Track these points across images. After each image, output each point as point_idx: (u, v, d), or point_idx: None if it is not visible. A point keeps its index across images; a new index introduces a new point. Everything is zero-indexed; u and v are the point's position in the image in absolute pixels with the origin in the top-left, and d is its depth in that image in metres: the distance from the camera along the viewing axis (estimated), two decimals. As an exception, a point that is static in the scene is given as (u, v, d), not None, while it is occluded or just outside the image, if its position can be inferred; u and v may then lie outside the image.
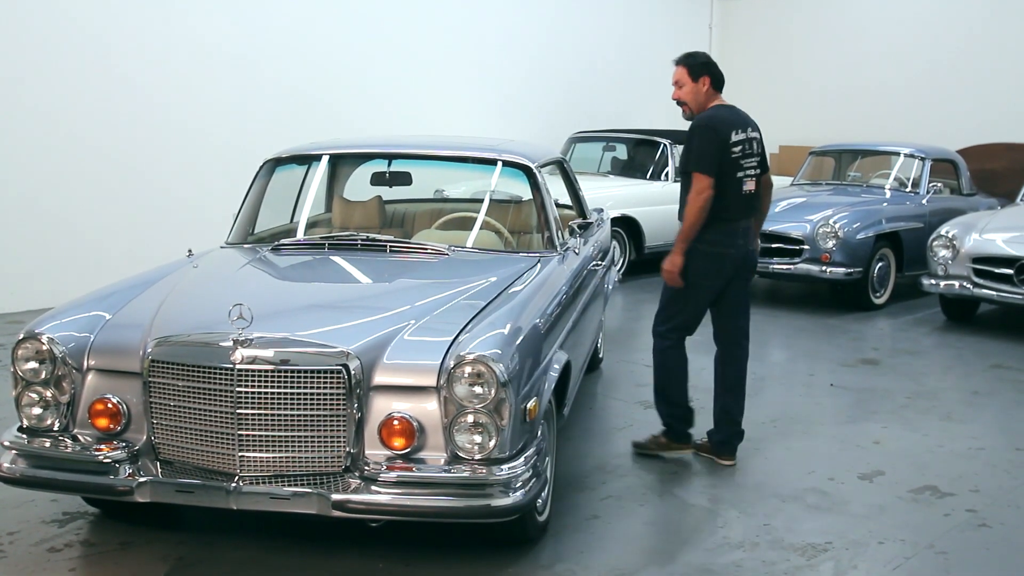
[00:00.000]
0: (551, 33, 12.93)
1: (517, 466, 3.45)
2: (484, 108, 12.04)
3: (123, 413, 3.62)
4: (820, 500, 4.52)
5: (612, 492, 4.56)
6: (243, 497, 3.42)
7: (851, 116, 14.06)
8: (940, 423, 5.73)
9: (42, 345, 3.65)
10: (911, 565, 3.87)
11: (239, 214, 5.16)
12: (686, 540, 4.08)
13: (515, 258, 4.67)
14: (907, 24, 13.86)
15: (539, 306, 4.02)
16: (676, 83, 4.86)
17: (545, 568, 3.76)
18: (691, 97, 4.82)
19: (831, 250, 8.59)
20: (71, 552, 3.84)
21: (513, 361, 3.47)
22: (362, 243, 4.70)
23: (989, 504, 4.49)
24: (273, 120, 9.56)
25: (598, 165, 11.64)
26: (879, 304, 9.09)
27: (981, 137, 12.59)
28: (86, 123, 8.44)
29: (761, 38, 15.43)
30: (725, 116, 4.77)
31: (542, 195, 4.98)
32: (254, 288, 4.34)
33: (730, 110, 4.83)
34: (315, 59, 10.13)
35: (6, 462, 3.69)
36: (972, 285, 7.90)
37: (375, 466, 3.42)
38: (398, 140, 5.89)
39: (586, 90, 13.30)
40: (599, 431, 5.47)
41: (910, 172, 9.94)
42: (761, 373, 6.76)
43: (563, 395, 4.34)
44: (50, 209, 8.26)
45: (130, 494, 3.51)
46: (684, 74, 4.82)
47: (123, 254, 8.13)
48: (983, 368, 7.02)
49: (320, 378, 3.40)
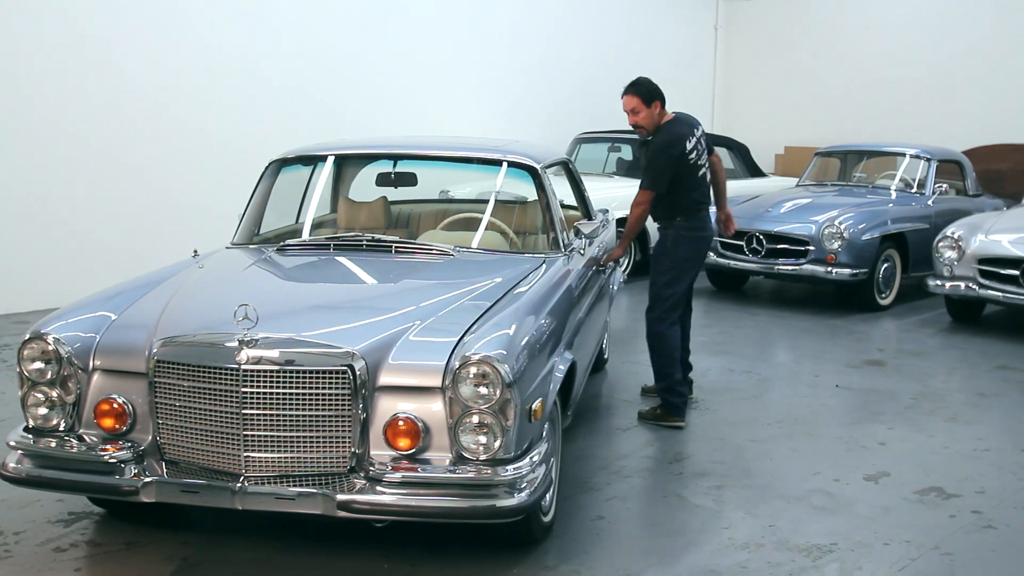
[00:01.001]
0: (556, 34, 12.93)
1: (522, 467, 3.46)
2: (489, 109, 12.05)
3: (128, 413, 3.63)
4: (825, 501, 4.51)
5: (617, 493, 4.56)
6: (248, 497, 3.42)
7: (857, 117, 14.04)
8: (945, 424, 5.72)
9: (48, 345, 3.66)
10: (916, 566, 3.86)
11: (244, 214, 5.17)
12: (691, 541, 4.07)
13: (520, 259, 4.68)
14: (913, 25, 13.84)
15: (544, 307, 4.02)
16: (632, 111, 5.34)
17: (550, 569, 3.76)
18: (648, 121, 5.37)
19: (837, 251, 8.58)
20: (76, 552, 3.85)
21: (518, 362, 3.47)
22: (367, 244, 4.70)
23: (995, 505, 4.48)
24: (278, 121, 9.57)
25: (603, 166, 11.64)
26: (884, 305, 9.07)
27: (987, 138, 12.57)
28: (91, 123, 8.46)
29: (766, 39, 15.41)
30: (680, 131, 5.37)
31: (547, 196, 4.98)
32: (259, 289, 4.34)
33: (680, 122, 5.42)
34: (320, 60, 10.14)
35: (12, 462, 3.70)
36: (978, 286, 7.89)
37: (380, 466, 3.42)
38: (403, 141, 5.90)
39: (591, 91, 13.29)
40: (604, 432, 5.47)
41: (916, 173, 9.92)
42: (766, 374, 6.75)
43: (568, 396, 4.34)
44: (56, 209, 8.28)
45: (135, 494, 3.51)
46: (638, 102, 5.34)
47: (129, 254, 8.15)
48: (989, 369, 7.00)
49: (325, 379, 3.40)
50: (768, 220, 9.09)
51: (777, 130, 14.80)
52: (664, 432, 5.47)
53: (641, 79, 5.44)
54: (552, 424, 3.98)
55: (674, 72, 14.78)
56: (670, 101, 5.46)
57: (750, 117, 15.19)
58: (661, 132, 5.37)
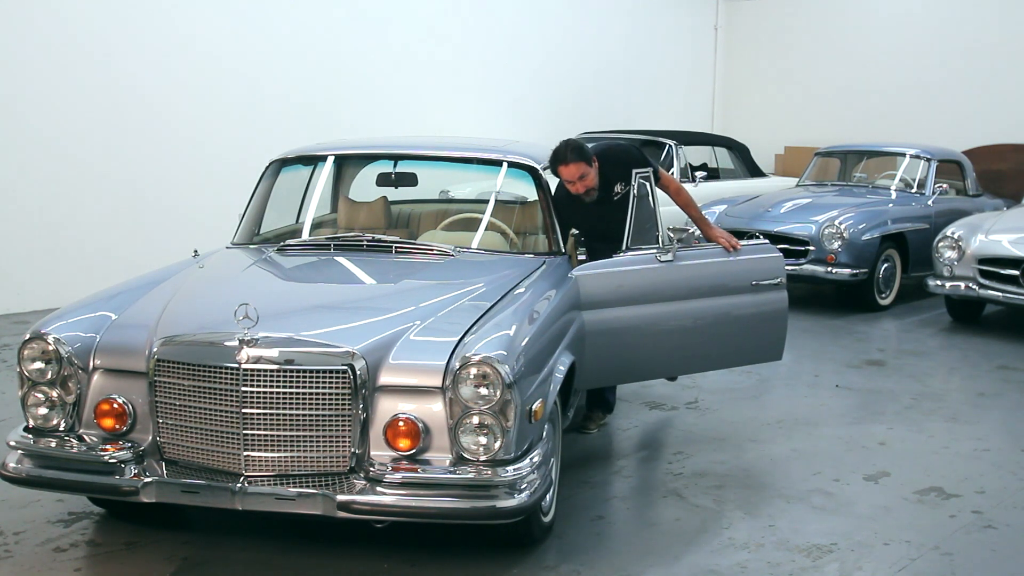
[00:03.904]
0: (557, 34, 12.92)
1: (522, 467, 3.46)
2: (490, 109, 12.05)
3: (129, 413, 3.63)
4: (825, 501, 4.51)
5: (617, 493, 4.56)
6: (248, 498, 3.42)
7: (857, 117, 14.03)
8: (945, 424, 5.72)
9: (48, 345, 3.66)
10: (916, 566, 3.86)
11: (245, 214, 5.16)
12: (691, 541, 4.07)
13: (520, 259, 4.67)
14: (913, 25, 13.83)
15: (544, 307, 4.02)
16: (580, 177, 4.77)
17: (550, 569, 3.76)
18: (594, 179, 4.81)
19: (837, 251, 8.58)
20: (76, 552, 3.85)
21: (519, 363, 3.47)
22: (367, 244, 4.70)
23: (995, 505, 4.48)
24: (279, 121, 9.56)
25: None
26: (884, 305, 9.07)
27: (987, 138, 12.56)
28: (91, 124, 8.46)
29: (766, 39, 15.40)
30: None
31: (547, 196, 4.98)
32: (259, 288, 4.34)
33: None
34: (321, 60, 10.14)
35: (12, 462, 3.70)
36: (978, 286, 7.89)
37: (380, 467, 3.42)
38: (403, 141, 5.90)
39: (592, 91, 13.30)
40: (604, 432, 5.47)
41: (916, 173, 9.92)
42: (766, 374, 6.75)
43: (568, 396, 4.34)
44: (56, 210, 8.28)
45: (135, 494, 3.52)
46: (584, 166, 4.76)
47: (129, 255, 8.14)
48: (989, 369, 7.00)
49: (325, 378, 3.41)
50: (768, 220, 9.08)
51: (777, 130, 14.79)
52: (664, 432, 5.48)
53: (569, 143, 4.86)
54: (552, 424, 3.98)
55: (674, 72, 14.81)
56: (670, 101, 5.44)
57: (750, 117, 15.18)
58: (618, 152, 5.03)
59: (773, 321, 5.10)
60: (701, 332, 4.92)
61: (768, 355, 5.23)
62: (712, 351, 5.02)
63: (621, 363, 4.72)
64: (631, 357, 4.73)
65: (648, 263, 4.72)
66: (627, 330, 4.61)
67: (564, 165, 4.77)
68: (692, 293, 4.81)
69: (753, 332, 5.07)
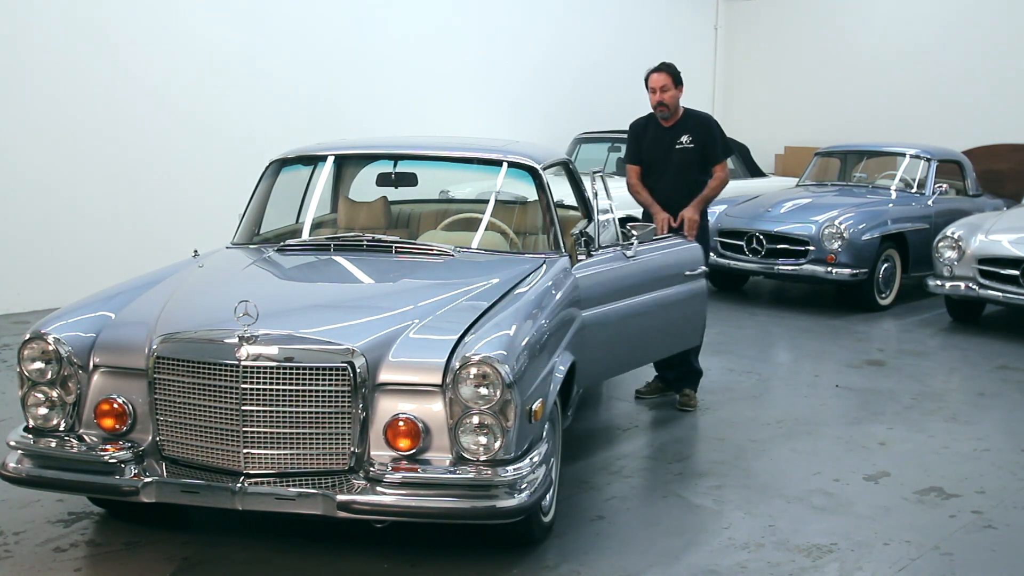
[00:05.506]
0: (556, 34, 12.92)
1: (522, 467, 3.46)
2: (489, 109, 12.04)
3: (129, 413, 3.63)
4: (825, 501, 4.51)
5: (617, 493, 4.56)
6: (248, 498, 3.42)
7: (857, 117, 14.02)
8: (946, 424, 5.72)
9: (48, 345, 3.66)
10: (916, 566, 3.86)
11: (245, 214, 5.16)
12: (691, 541, 4.07)
13: (520, 259, 4.67)
14: (913, 25, 13.82)
15: (544, 307, 4.02)
16: (661, 88, 5.50)
17: (550, 569, 3.76)
18: (672, 102, 5.59)
19: (836, 251, 8.58)
20: (76, 552, 3.85)
21: (519, 362, 3.47)
22: (367, 244, 4.69)
23: (995, 505, 4.48)
24: (279, 120, 9.56)
25: (603, 166, 11.62)
26: (884, 305, 9.07)
27: (987, 138, 12.56)
28: (92, 124, 8.45)
29: (766, 39, 15.40)
30: None
31: (547, 196, 4.98)
32: (259, 287, 4.34)
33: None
34: (321, 60, 10.13)
35: (12, 462, 3.70)
36: (978, 286, 7.89)
37: (380, 467, 3.42)
38: (403, 141, 5.89)
39: (591, 91, 13.28)
40: (604, 432, 5.47)
41: (916, 173, 9.92)
42: (766, 374, 6.75)
43: (568, 396, 4.34)
44: (55, 210, 8.28)
45: (135, 494, 3.52)
46: (670, 81, 5.53)
47: (129, 255, 8.13)
48: (989, 369, 7.00)
49: (325, 375, 3.41)
50: (768, 220, 9.09)
51: (777, 130, 14.78)
52: (664, 432, 5.48)
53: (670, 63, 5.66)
54: (552, 424, 3.98)
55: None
56: (670, 101, 5.53)
57: (750, 117, 15.16)
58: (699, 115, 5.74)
59: (701, 307, 5.67)
60: (660, 321, 5.34)
61: (695, 339, 5.75)
62: (667, 339, 5.47)
63: (611, 358, 5.03)
64: (617, 351, 5.05)
65: (620, 260, 5.09)
66: (610, 324, 4.88)
67: (656, 72, 5.54)
68: (653, 285, 5.23)
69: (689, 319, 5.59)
